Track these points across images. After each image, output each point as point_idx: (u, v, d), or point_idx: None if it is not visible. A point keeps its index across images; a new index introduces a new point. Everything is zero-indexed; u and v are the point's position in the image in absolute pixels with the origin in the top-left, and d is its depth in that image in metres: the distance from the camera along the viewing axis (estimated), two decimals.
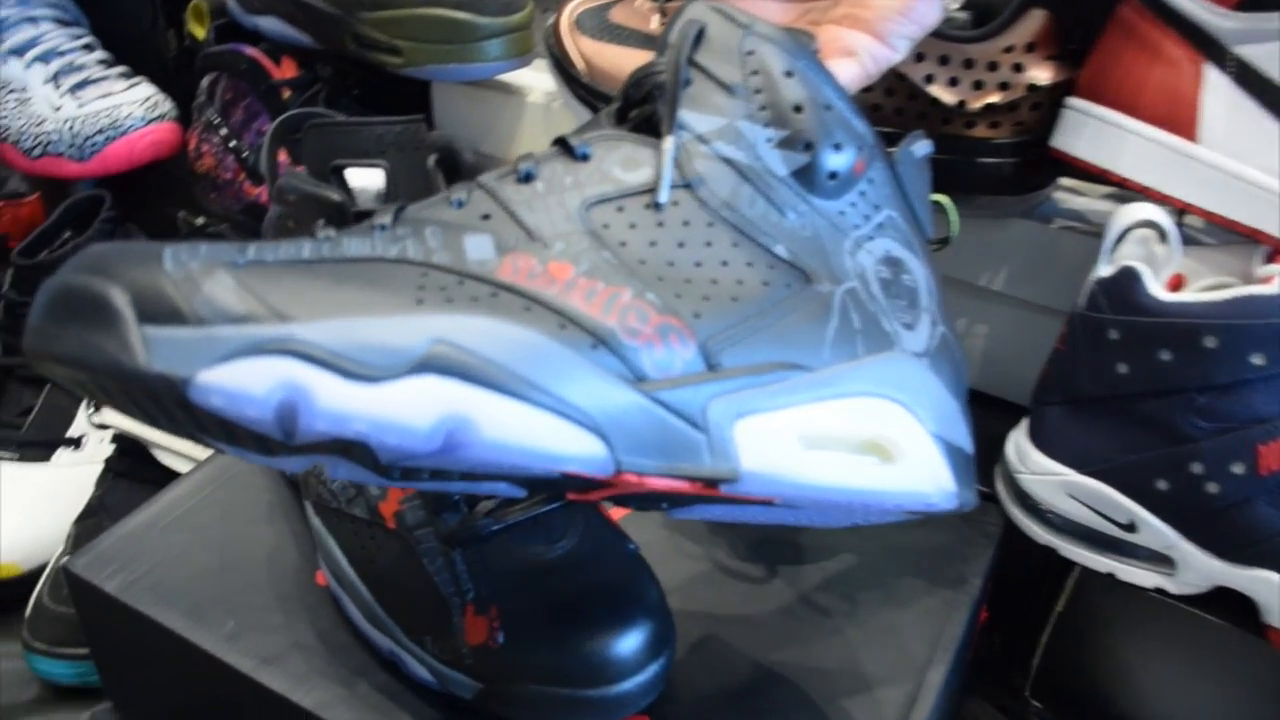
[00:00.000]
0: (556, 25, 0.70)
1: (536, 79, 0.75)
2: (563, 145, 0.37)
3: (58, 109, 0.80)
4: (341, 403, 0.29)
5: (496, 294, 0.32)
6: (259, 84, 0.74)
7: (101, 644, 0.54)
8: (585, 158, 0.36)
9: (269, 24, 0.75)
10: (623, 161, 0.36)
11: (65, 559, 0.50)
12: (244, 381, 0.28)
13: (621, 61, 0.65)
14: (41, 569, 0.63)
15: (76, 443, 0.67)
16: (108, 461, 0.64)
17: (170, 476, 0.62)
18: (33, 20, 0.83)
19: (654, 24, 0.64)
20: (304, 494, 0.50)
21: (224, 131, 0.77)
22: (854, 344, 0.35)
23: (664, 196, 0.35)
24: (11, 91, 0.81)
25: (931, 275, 0.39)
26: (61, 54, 0.82)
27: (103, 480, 0.63)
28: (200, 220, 0.82)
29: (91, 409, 0.67)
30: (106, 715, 0.57)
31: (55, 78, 0.81)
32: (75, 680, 0.58)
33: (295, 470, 0.46)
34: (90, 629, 0.53)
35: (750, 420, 0.33)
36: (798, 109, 0.36)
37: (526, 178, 0.36)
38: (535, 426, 0.30)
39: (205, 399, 0.28)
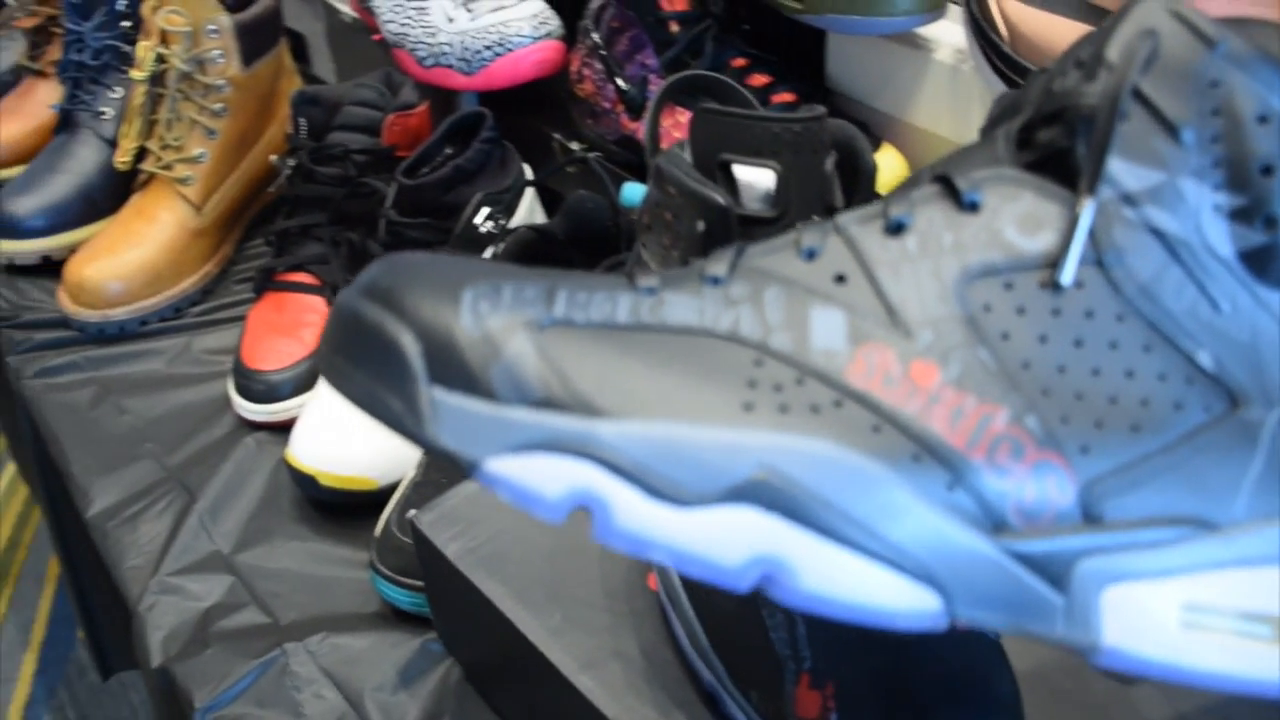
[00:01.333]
0: None
1: (945, 32, 0.67)
2: (946, 185, 0.29)
3: (451, 21, 0.80)
4: (642, 526, 0.25)
5: (841, 403, 0.27)
6: (647, 15, 0.70)
7: (437, 594, 0.55)
8: (974, 208, 0.28)
9: None
10: (1021, 219, 0.28)
11: (413, 513, 0.51)
12: (535, 480, 0.25)
13: (1054, 34, 0.56)
14: (394, 486, 0.65)
15: None
16: None
17: None
18: None
19: None
20: None
21: (606, 59, 0.74)
22: (1277, 493, 0.27)
23: (1068, 277, 0.27)
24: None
25: None
26: None
27: None
28: (575, 146, 0.81)
29: None
30: (437, 646, 0.59)
31: None
32: (413, 608, 0.60)
33: None
34: (428, 579, 0.55)
35: (1125, 588, 0.27)
36: (1267, 171, 0.26)
37: (897, 229, 0.29)
38: (862, 580, 0.26)
39: (491, 484, 0.26)
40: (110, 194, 0.90)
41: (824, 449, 0.26)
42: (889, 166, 0.68)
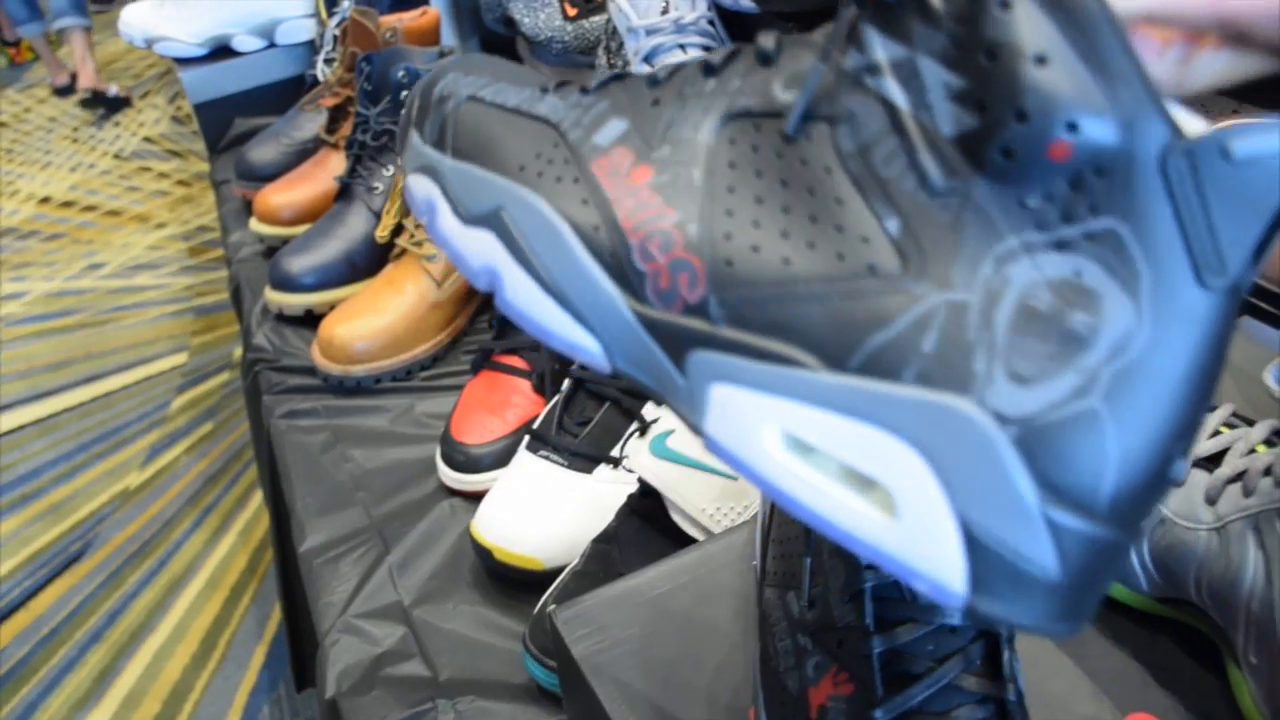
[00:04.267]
0: None
1: None
2: (757, 43, 0.33)
3: None
4: (444, 229, 0.37)
5: (578, 180, 0.34)
6: None
7: (564, 682, 0.60)
8: (766, 61, 0.32)
9: None
10: (790, 76, 0.31)
11: (552, 608, 0.56)
12: (415, 189, 0.38)
13: None
14: (559, 570, 0.70)
15: (616, 462, 0.74)
16: (630, 498, 0.69)
17: (677, 532, 0.66)
18: (682, 48, 0.90)
19: None
20: (760, 633, 0.50)
21: None
22: (903, 366, 0.27)
23: (791, 127, 0.30)
24: None
25: (1157, 340, 0.25)
26: None
27: (622, 513, 0.69)
28: None
29: (625, 456, 0.73)
30: None
31: None
32: (551, 687, 0.64)
33: None
34: (560, 668, 0.59)
35: (728, 389, 0.30)
36: (991, 54, 0.26)
37: (709, 71, 0.33)
38: (544, 309, 0.34)
39: (405, 190, 0.39)
40: (370, 260, 1.01)
41: (541, 205, 0.34)
42: None
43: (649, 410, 0.75)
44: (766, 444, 0.29)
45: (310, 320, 1.01)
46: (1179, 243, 0.25)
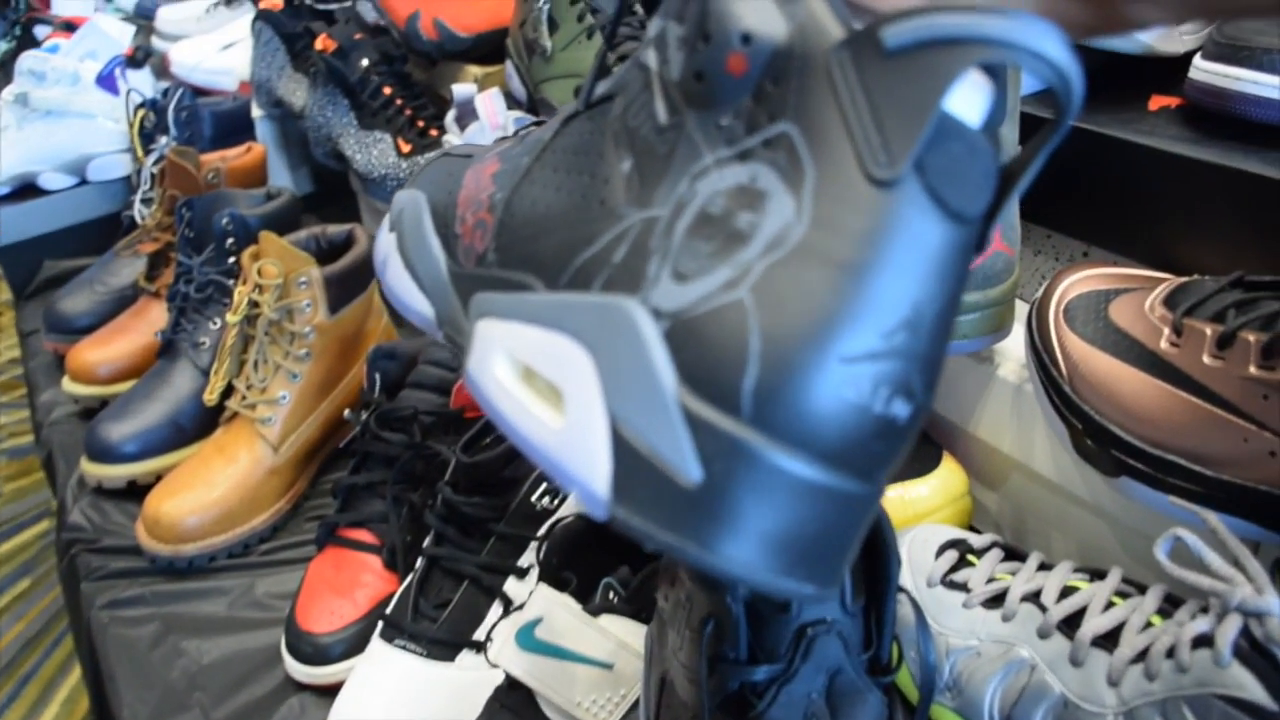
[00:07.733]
0: (1044, 305, 0.60)
1: (1013, 344, 0.65)
2: None
3: None
4: (382, 241, 0.43)
5: (452, 176, 0.41)
6: None
7: None
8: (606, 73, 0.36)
9: None
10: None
11: None
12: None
13: (1113, 379, 0.55)
14: None
15: (480, 646, 0.69)
16: (497, 691, 0.64)
17: None
18: None
19: (1164, 342, 0.53)
20: None
21: None
22: (596, 277, 0.29)
23: (581, 105, 0.34)
24: None
25: (816, 232, 0.25)
26: None
27: (490, 708, 0.63)
28: None
29: (489, 642, 0.68)
30: None
31: None
32: None
33: None
34: None
35: (484, 322, 0.33)
36: None
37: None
38: (403, 282, 0.40)
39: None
40: (199, 422, 0.94)
41: (419, 199, 0.41)
42: (946, 484, 0.66)
43: (512, 587, 0.70)
44: (496, 369, 0.31)
45: (134, 493, 0.92)
46: (843, 138, 0.25)
